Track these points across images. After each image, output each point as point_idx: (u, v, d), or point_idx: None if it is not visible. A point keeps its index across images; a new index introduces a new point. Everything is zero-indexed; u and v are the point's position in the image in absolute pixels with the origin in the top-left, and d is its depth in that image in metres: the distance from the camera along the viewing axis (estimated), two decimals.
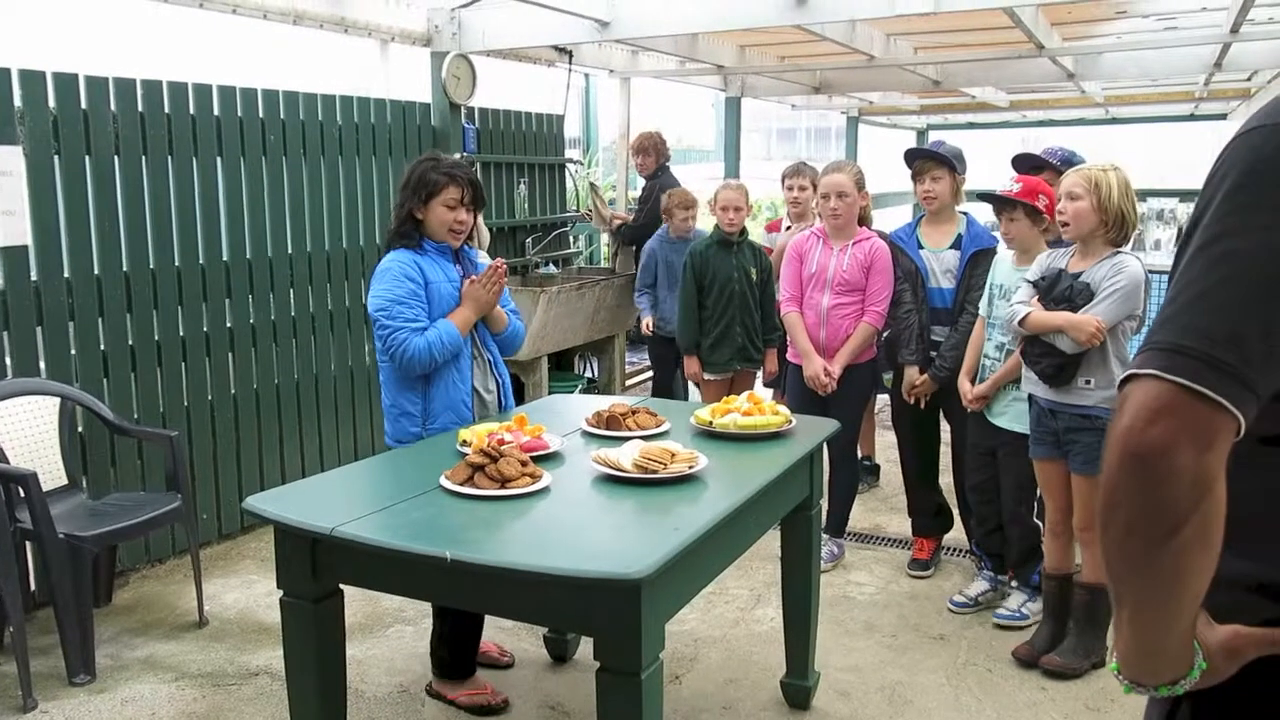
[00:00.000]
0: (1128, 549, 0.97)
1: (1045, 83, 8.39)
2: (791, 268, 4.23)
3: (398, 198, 3.20)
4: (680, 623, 3.68)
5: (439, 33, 5.60)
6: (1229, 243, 0.97)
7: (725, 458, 2.72)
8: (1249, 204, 0.97)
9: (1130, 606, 1.02)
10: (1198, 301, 0.96)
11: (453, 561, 2.03)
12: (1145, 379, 0.95)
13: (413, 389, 3.13)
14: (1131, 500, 0.95)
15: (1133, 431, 0.94)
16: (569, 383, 6.34)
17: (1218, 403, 0.92)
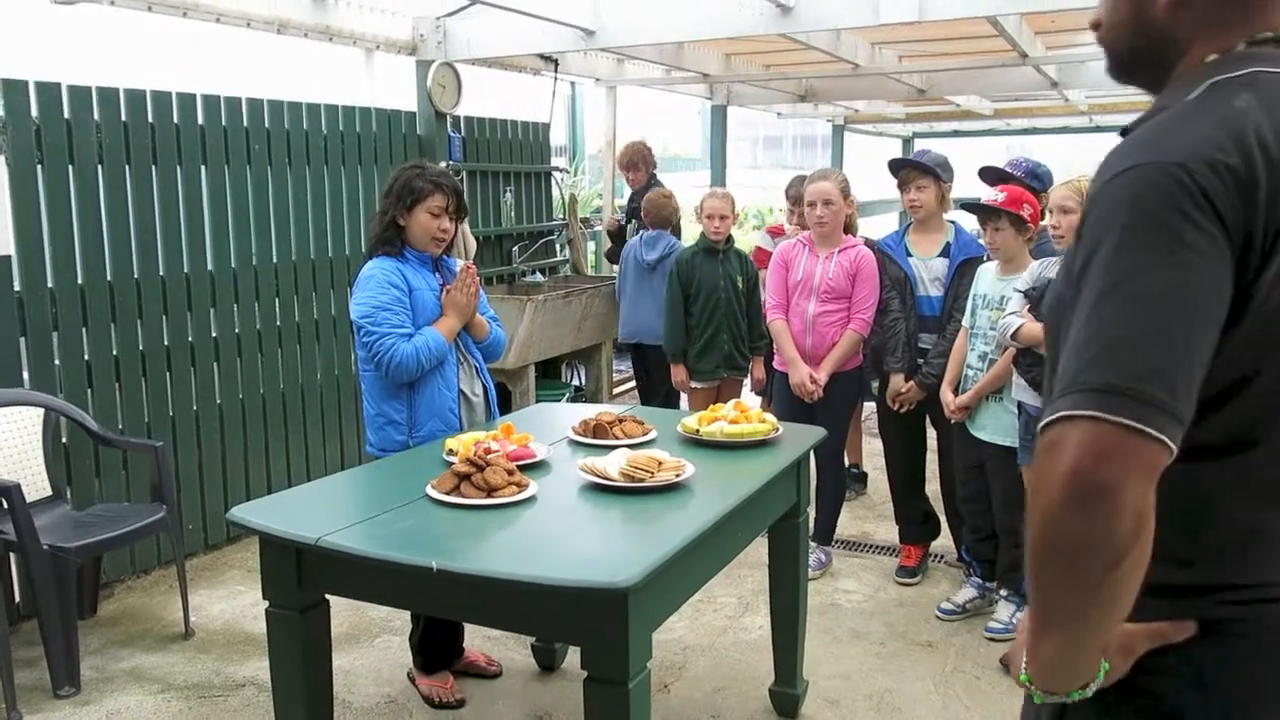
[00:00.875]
0: (1070, 581, 1.02)
1: (1029, 91, 8.46)
2: (778, 275, 4.24)
3: (381, 204, 3.20)
4: (668, 631, 3.67)
5: (424, 41, 5.60)
6: (1138, 282, 1.00)
7: (712, 466, 2.72)
8: (1147, 243, 1.01)
9: (1063, 629, 1.06)
10: (1122, 342, 0.99)
11: (439, 571, 2.03)
12: (1084, 420, 0.98)
13: (398, 397, 3.12)
14: (1080, 536, 0.99)
15: (1080, 472, 0.97)
16: (556, 391, 6.34)
17: (1158, 439, 0.97)
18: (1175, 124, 1.08)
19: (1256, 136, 1.04)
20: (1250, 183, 1.02)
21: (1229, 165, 1.02)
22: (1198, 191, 1.01)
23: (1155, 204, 1.02)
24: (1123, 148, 1.10)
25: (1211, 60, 1.14)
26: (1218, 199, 1.01)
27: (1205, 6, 1.15)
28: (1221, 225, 1.01)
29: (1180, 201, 1.01)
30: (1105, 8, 1.25)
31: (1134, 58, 1.24)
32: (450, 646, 3.30)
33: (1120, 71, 1.27)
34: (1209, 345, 1.02)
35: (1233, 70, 1.11)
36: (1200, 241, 1.00)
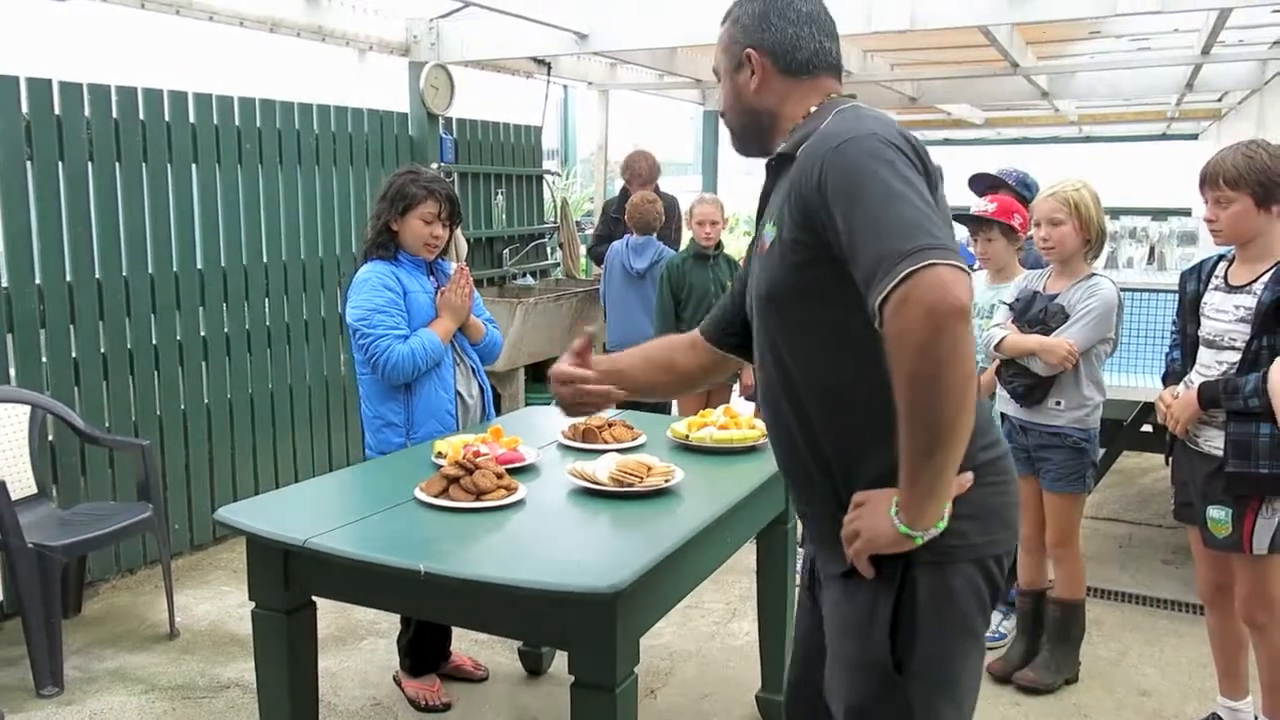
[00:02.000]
0: (948, 394, 1.35)
1: (1020, 101, 8.50)
2: None
3: (375, 208, 3.21)
4: (656, 636, 3.67)
5: (417, 43, 5.60)
6: (898, 189, 1.41)
7: (701, 471, 2.72)
8: (890, 170, 1.43)
9: (948, 448, 1.40)
10: (915, 219, 1.37)
11: (426, 574, 2.02)
12: (931, 267, 1.33)
13: (395, 399, 3.13)
14: (952, 351, 1.33)
15: (943, 299, 1.31)
16: (545, 394, 6.32)
17: (965, 269, 1.36)
18: (845, 124, 1.53)
19: (899, 129, 1.52)
20: (919, 149, 1.50)
21: (905, 138, 1.50)
22: (895, 148, 1.46)
23: (880, 151, 1.45)
24: (813, 144, 1.54)
25: (815, 108, 1.66)
26: (909, 154, 1.48)
27: (780, 91, 1.71)
28: (916, 168, 1.47)
29: (892, 151, 1.46)
30: (723, 99, 1.80)
31: (742, 129, 1.78)
32: (438, 649, 3.29)
33: (737, 142, 1.81)
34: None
35: (840, 106, 1.61)
36: (916, 177, 1.45)
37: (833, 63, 1.73)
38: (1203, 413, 2.75)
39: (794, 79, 1.70)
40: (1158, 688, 3.37)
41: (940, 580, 1.56)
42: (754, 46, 1.71)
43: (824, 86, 1.71)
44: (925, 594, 1.55)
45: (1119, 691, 3.35)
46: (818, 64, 1.70)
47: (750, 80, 1.72)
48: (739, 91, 1.74)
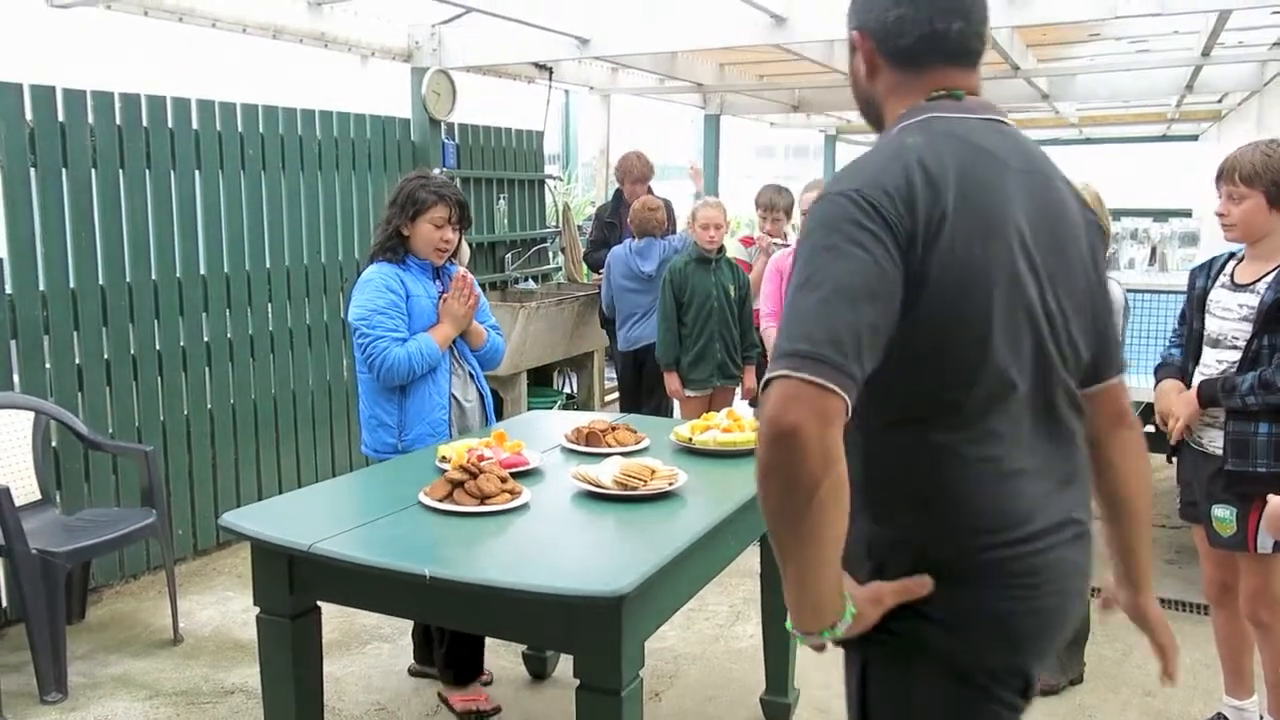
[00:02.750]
0: (783, 511, 1.24)
1: (1020, 103, 8.49)
2: (774, 284, 4.26)
3: (384, 213, 3.24)
4: (660, 639, 3.67)
5: (419, 48, 5.61)
6: (816, 274, 1.28)
7: (705, 474, 2.73)
8: (826, 245, 1.29)
9: (791, 563, 1.28)
10: (804, 318, 1.26)
11: (432, 579, 2.02)
12: (778, 379, 1.23)
13: (389, 400, 3.14)
14: (780, 472, 1.22)
15: (774, 419, 1.22)
16: (548, 398, 6.33)
17: (829, 389, 1.22)
18: (863, 161, 1.39)
19: (919, 162, 1.34)
20: (910, 197, 1.31)
21: (895, 185, 1.31)
22: (868, 205, 1.30)
23: (835, 219, 1.31)
24: (830, 181, 1.39)
25: (902, 113, 1.47)
26: (884, 210, 1.30)
27: (888, 81, 1.50)
28: (888, 228, 1.29)
29: (854, 213, 1.30)
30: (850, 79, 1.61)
31: (864, 111, 1.59)
32: (475, 657, 3.23)
33: (864, 118, 1.60)
34: (879, 315, 1.27)
35: (914, 118, 1.44)
36: (869, 240, 1.28)
37: (950, 49, 1.46)
38: (1203, 412, 2.76)
39: (900, 70, 1.48)
40: (1163, 688, 3.36)
41: (898, 684, 1.42)
42: (859, 28, 1.51)
43: (933, 81, 1.46)
44: (881, 693, 1.44)
45: (1124, 691, 3.35)
46: (927, 52, 1.45)
47: (860, 65, 1.53)
48: (854, 75, 1.56)
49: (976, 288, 1.33)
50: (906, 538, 1.38)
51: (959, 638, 1.37)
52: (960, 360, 1.34)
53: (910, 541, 1.38)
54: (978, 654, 1.38)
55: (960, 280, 1.32)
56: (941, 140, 1.37)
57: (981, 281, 1.33)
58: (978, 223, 1.33)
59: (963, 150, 1.37)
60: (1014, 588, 1.37)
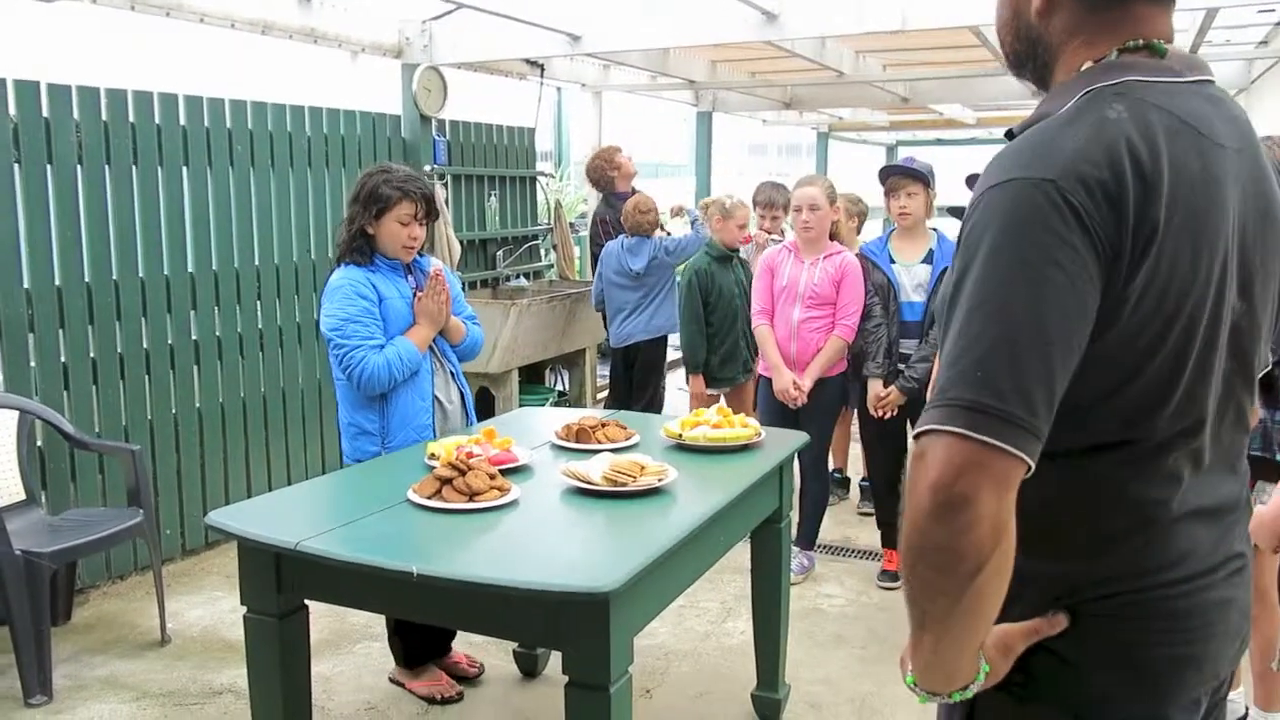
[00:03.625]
0: (936, 587, 1.08)
1: (1011, 100, 8.50)
2: (764, 281, 4.25)
3: (347, 211, 3.14)
4: (650, 636, 3.66)
5: (410, 44, 5.59)
6: (1002, 299, 1.06)
7: (695, 470, 2.71)
8: (1017, 260, 1.06)
9: (934, 634, 1.12)
10: (987, 359, 1.05)
11: (419, 576, 2.00)
12: (949, 435, 1.04)
13: (370, 407, 3.09)
14: (943, 544, 1.05)
15: (942, 485, 1.03)
16: (540, 396, 6.31)
17: (1015, 455, 1.04)
18: (1052, 135, 1.11)
19: (1128, 148, 1.08)
20: (1119, 197, 1.06)
21: (1100, 179, 1.06)
22: (1068, 209, 1.05)
23: (1028, 221, 1.06)
24: (1004, 156, 1.14)
25: (1086, 69, 1.19)
26: (1088, 215, 1.06)
27: (1072, 17, 1.20)
28: (1090, 240, 1.06)
29: (1051, 219, 1.05)
30: (997, 11, 1.31)
31: (1018, 58, 1.30)
32: (431, 641, 3.27)
33: (1011, 67, 1.33)
34: (1072, 361, 1.07)
35: (1106, 79, 1.15)
36: (1068, 259, 1.05)
37: None
38: None
39: (1091, 3, 1.19)
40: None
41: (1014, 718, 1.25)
42: None
43: (1133, 21, 1.19)
44: None
45: None
46: None
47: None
48: (1018, 7, 1.26)
49: (1178, 312, 1.11)
50: (1044, 570, 1.19)
51: (1091, 682, 1.20)
52: (1145, 393, 1.14)
53: (1046, 574, 1.19)
54: (1110, 701, 1.20)
55: (1160, 304, 1.10)
56: (1151, 116, 1.11)
57: (1184, 304, 1.11)
58: (1189, 233, 1.10)
59: (1175, 132, 1.11)
60: (1160, 630, 1.19)
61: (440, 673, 3.26)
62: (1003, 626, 1.18)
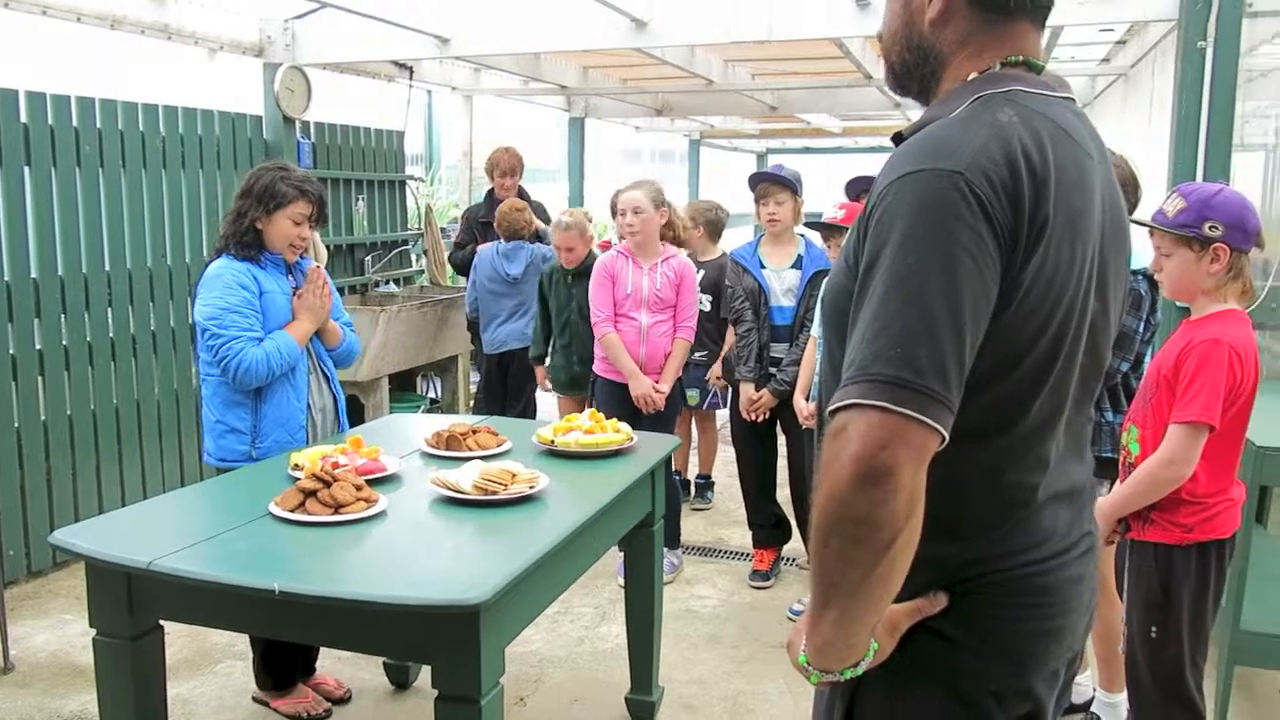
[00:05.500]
0: (852, 557, 1.12)
1: (874, 110, 8.80)
2: (604, 289, 4.24)
3: (236, 204, 3.05)
4: (524, 644, 3.64)
5: (271, 43, 5.42)
6: (917, 281, 1.11)
7: (567, 476, 2.72)
8: (928, 244, 1.12)
9: (840, 607, 1.16)
10: (904, 337, 1.10)
11: (281, 593, 1.95)
12: (871, 409, 1.09)
13: (242, 405, 3.00)
14: (862, 514, 1.09)
15: (865, 456, 1.08)
16: (411, 403, 6.21)
17: (933, 427, 1.09)
18: (953, 132, 1.19)
19: (1021, 148, 1.17)
20: (1016, 192, 1.15)
21: (1000, 175, 1.14)
22: (974, 199, 1.13)
23: (936, 208, 1.13)
24: (908, 150, 1.21)
25: (973, 78, 1.28)
26: (990, 206, 1.14)
27: (962, 29, 1.29)
28: (993, 229, 1.14)
29: (959, 207, 1.13)
30: (885, 23, 1.39)
31: (905, 69, 1.37)
32: (297, 659, 3.18)
33: (895, 81, 1.41)
34: (977, 342, 1.14)
35: (994, 87, 1.25)
36: (975, 245, 1.12)
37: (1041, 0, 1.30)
38: None
39: (982, 18, 1.29)
40: None
41: (893, 702, 1.30)
42: None
43: (1015, 37, 1.29)
44: (875, 715, 1.33)
45: None
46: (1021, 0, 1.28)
47: (930, 4, 1.31)
48: (911, 18, 1.33)
49: (1058, 303, 1.20)
50: (929, 553, 1.22)
51: (968, 658, 1.28)
52: (1025, 379, 1.22)
53: (931, 556, 1.24)
54: (985, 675, 1.28)
55: (1045, 294, 1.19)
56: (1036, 121, 1.21)
57: (1063, 296, 1.21)
58: (1070, 231, 1.20)
59: (1057, 138, 1.21)
60: (1027, 607, 1.28)
61: (307, 690, 3.18)
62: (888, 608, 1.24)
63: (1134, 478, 2.43)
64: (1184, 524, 2.40)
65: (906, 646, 1.27)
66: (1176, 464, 2.34)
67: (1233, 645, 2.98)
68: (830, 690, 1.36)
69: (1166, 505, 2.40)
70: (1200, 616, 2.45)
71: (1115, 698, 3.01)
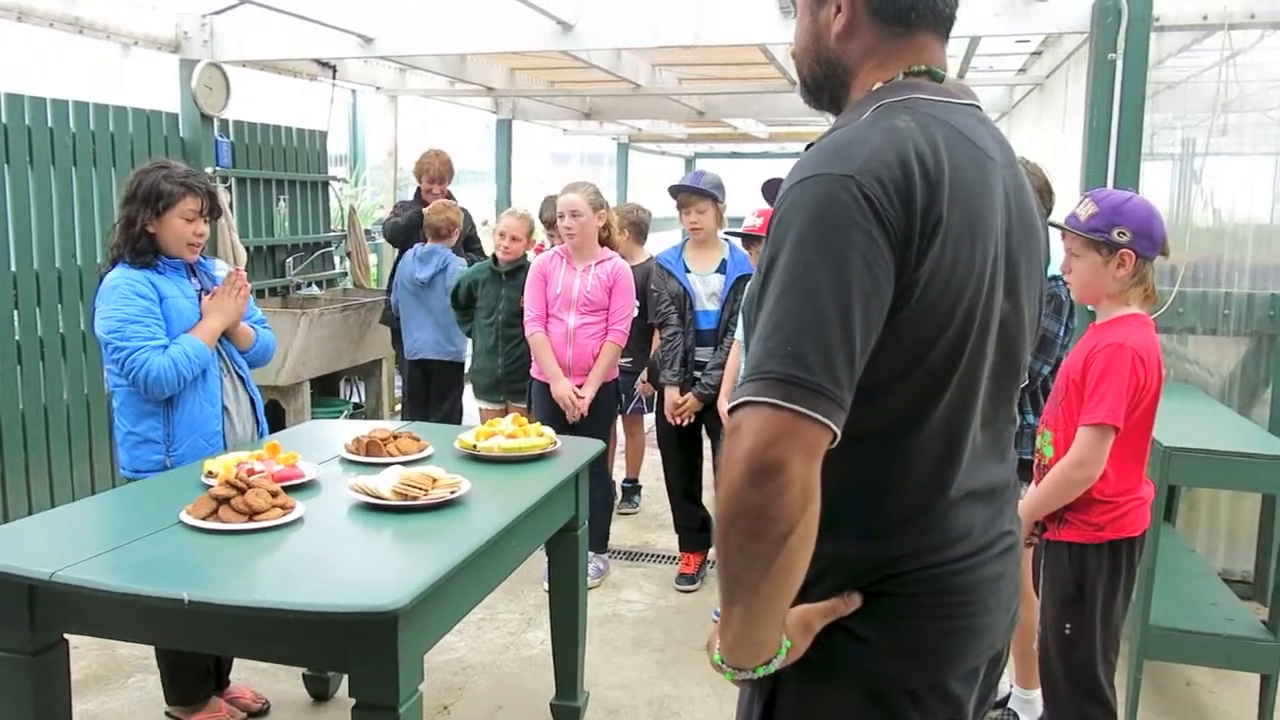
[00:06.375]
0: (750, 552, 1.15)
1: (799, 117, 8.89)
2: (536, 288, 4.23)
3: (123, 211, 2.96)
4: (448, 651, 3.60)
5: (188, 39, 5.29)
6: (809, 282, 1.15)
7: (490, 481, 2.69)
8: (822, 245, 1.16)
9: (745, 603, 1.19)
10: (796, 336, 1.14)
11: (191, 603, 1.90)
12: (763, 406, 1.12)
13: (154, 414, 2.92)
14: (757, 509, 1.12)
15: (756, 452, 1.11)
16: (334, 408, 6.11)
17: (823, 423, 1.12)
18: (850, 139, 1.23)
19: (915, 152, 1.21)
20: (908, 193, 1.19)
21: (892, 177, 1.18)
22: (865, 202, 1.16)
23: (829, 211, 1.17)
24: (808, 158, 1.25)
25: (877, 88, 1.33)
26: (882, 207, 1.17)
27: (867, 42, 1.35)
28: (884, 229, 1.17)
29: (851, 210, 1.16)
30: (796, 38, 1.44)
31: (816, 81, 1.43)
32: (206, 671, 3.09)
33: (808, 93, 1.46)
34: (871, 340, 1.17)
35: (895, 96, 1.30)
36: (866, 245, 1.16)
37: (942, 12, 1.35)
38: None
39: (886, 31, 1.33)
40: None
41: (808, 701, 1.32)
42: None
43: (917, 48, 1.34)
44: (790, 714, 1.33)
45: None
46: (920, 12, 1.33)
47: (835, 19, 1.35)
48: (819, 33, 1.37)
49: (958, 300, 1.23)
50: (841, 552, 1.28)
51: (881, 657, 1.29)
52: (930, 376, 1.25)
53: (844, 556, 1.28)
54: (899, 674, 1.30)
55: (944, 291, 1.22)
56: (933, 127, 1.25)
57: (961, 293, 1.24)
58: (968, 229, 1.23)
59: (953, 141, 1.25)
60: (943, 606, 1.30)
61: (221, 703, 3.10)
62: (802, 606, 1.26)
63: (1047, 480, 2.49)
64: (1096, 523, 2.47)
65: (822, 645, 1.29)
66: (1086, 465, 2.40)
67: (1143, 640, 3.08)
68: (749, 689, 1.37)
69: (1080, 505, 2.47)
70: (1112, 613, 2.52)
71: (1031, 694, 3.08)
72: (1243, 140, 4.26)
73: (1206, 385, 4.21)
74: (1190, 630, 3.13)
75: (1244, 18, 3.93)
